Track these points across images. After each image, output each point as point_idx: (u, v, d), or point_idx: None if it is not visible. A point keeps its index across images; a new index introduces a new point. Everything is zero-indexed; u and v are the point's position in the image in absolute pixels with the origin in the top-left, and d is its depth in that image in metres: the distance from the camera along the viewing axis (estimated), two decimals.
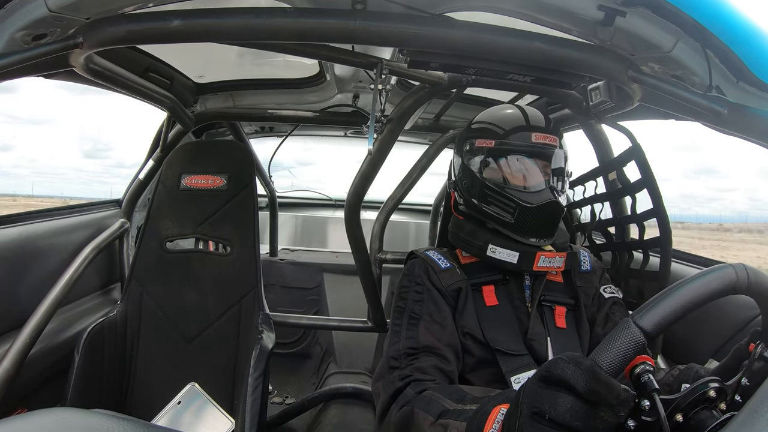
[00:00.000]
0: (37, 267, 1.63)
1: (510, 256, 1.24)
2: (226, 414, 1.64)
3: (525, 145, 1.27)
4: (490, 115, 1.38)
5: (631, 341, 0.64)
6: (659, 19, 0.87)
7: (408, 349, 1.14)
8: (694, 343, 1.51)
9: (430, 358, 1.12)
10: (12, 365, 1.37)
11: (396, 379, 1.08)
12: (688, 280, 0.69)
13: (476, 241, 1.30)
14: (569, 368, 0.61)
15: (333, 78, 1.95)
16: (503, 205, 1.27)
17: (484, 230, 1.32)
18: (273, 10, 0.97)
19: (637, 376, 0.67)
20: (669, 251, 1.46)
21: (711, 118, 0.97)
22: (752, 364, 0.76)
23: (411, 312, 1.23)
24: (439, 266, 1.31)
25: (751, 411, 0.55)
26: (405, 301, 1.27)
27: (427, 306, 1.23)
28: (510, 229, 1.27)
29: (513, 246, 1.25)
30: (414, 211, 3.70)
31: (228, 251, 1.91)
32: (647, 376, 0.66)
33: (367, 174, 1.69)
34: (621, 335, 0.65)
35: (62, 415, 0.61)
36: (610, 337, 0.66)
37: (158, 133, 2.17)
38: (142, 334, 1.83)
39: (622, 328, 0.66)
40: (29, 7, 0.89)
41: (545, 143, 1.26)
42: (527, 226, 1.25)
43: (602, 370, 0.62)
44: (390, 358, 1.15)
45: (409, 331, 1.19)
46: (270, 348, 1.67)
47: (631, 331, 0.65)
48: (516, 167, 1.29)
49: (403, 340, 1.17)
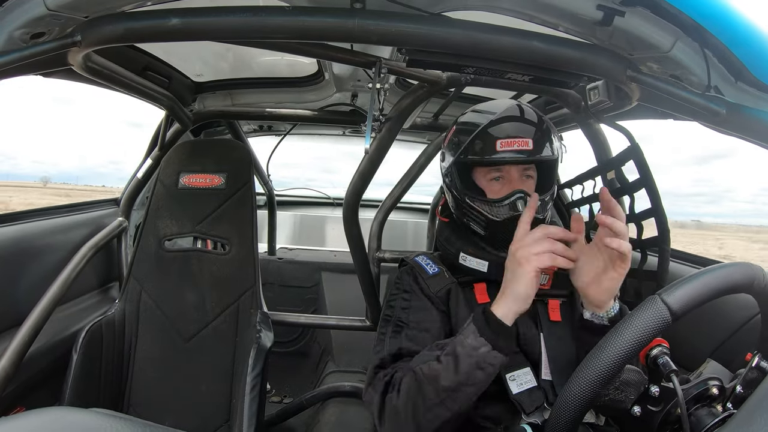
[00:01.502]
0: (36, 266, 1.63)
1: (480, 265, 1.23)
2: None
3: (488, 157, 1.18)
4: (462, 118, 1.32)
5: (657, 317, 0.64)
6: (658, 19, 0.87)
7: (391, 356, 1.18)
8: (692, 344, 1.51)
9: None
10: (10, 364, 1.37)
11: (382, 378, 1.12)
12: (713, 267, 0.69)
13: (450, 247, 1.30)
14: None
15: (332, 77, 1.95)
16: (474, 217, 1.25)
17: (458, 236, 1.31)
18: (271, 8, 0.97)
19: (654, 358, 0.67)
20: (667, 251, 1.46)
21: (709, 117, 0.97)
22: (747, 373, 0.76)
23: (397, 320, 1.24)
24: (427, 272, 1.30)
25: (750, 410, 0.56)
26: (392, 309, 1.28)
27: (415, 314, 1.24)
28: (484, 241, 1.26)
29: (484, 255, 1.23)
30: (412, 210, 3.70)
31: (226, 250, 1.91)
32: (664, 358, 0.66)
33: (365, 173, 1.69)
34: (647, 310, 0.64)
35: (60, 414, 0.61)
36: (636, 311, 0.65)
37: (156, 131, 2.17)
38: (140, 332, 1.83)
39: (649, 304, 0.65)
40: (27, 6, 0.89)
41: (512, 150, 1.16)
42: (498, 239, 1.23)
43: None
44: (375, 367, 1.18)
45: (393, 339, 1.21)
46: (268, 347, 1.68)
47: (658, 307, 0.64)
48: (482, 180, 1.25)
49: (387, 347, 1.20)
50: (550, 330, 1.21)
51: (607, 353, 0.64)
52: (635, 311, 0.65)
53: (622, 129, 1.51)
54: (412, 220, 3.54)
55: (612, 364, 0.63)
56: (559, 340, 1.20)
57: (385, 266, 2.13)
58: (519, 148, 1.16)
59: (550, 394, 1.14)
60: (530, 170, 1.24)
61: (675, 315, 0.63)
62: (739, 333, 1.37)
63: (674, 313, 0.63)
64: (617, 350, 0.63)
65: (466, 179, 1.27)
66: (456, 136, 1.28)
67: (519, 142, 1.16)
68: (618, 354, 0.63)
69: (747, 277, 0.69)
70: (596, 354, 0.65)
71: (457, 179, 1.27)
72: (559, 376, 1.15)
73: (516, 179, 1.22)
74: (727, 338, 1.39)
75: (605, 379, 0.64)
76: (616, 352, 0.63)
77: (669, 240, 1.46)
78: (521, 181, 1.22)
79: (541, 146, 1.18)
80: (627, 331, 0.63)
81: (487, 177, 1.24)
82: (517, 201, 1.17)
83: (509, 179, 1.22)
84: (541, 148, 1.18)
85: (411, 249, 2.27)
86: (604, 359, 0.64)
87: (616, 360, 0.63)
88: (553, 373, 1.15)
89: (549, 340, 1.20)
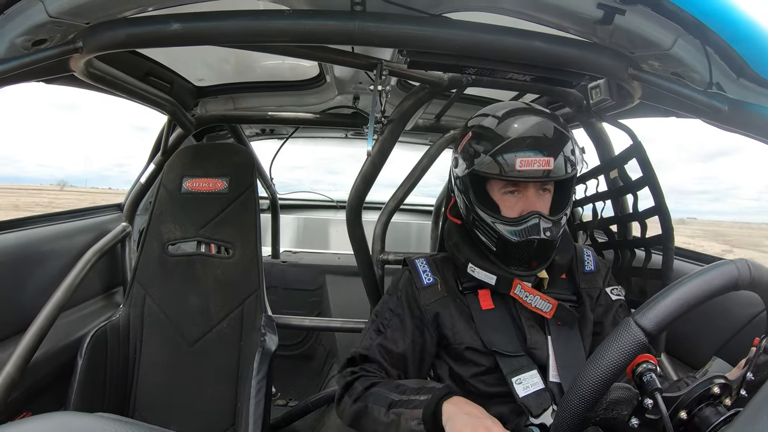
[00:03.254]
0: (40, 271, 1.64)
1: (488, 278, 1.21)
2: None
3: (506, 175, 1.12)
4: (479, 122, 1.23)
5: (632, 341, 0.65)
6: (659, 16, 0.87)
7: (360, 356, 1.25)
8: (697, 341, 1.50)
9: (375, 367, 1.22)
10: (16, 369, 1.37)
11: (348, 374, 1.21)
12: (688, 277, 0.69)
13: (459, 255, 1.28)
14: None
15: (333, 79, 1.96)
16: (484, 231, 1.21)
17: (467, 245, 1.28)
18: (272, 12, 0.97)
19: (639, 375, 0.67)
20: (671, 249, 1.45)
21: (711, 114, 0.97)
22: (757, 358, 0.76)
23: (382, 320, 1.29)
24: (422, 282, 1.29)
25: (755, 408, 0.55)
26: (382, 307, 1.33)
27: (396, 321, 1.27)
28: (493, 255, 1.22)
29: (493, 270, 1.21)
30: (416, 212, 3.70)
31: (230, 254, 1.91)
32: (649, 375, 0.67)
33: (368, 175, 1.69)
34: (622, 335, 0.66)
35: (66, 418, 0.61)
36: (611, 337, 0.66)
37: (159, 136, 2.17)
38: (144, 337, 1.83)
39: (623, 328, 0.66)
40: (29, 13, 0.90)
41: (532, 169, 1.09)
42: (509, 259, 1.19)
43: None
44: (349, 357, 1.27)
45: (371, 338, 1.27)
46: (273, 350, 1.68)
47: (632, 331, 0.65)
48: (497, 192, 1.20)
49: (365, 341, 1.27)
50: (558, 333, 1.21)
51: (586, 380, 0.66)
52: (610, 336, 0.67)
53: (624, 127, 1.51)
54: (415, 222, 3.53)
55: (592, 390, 0.66)
56: (567, 342, 1.20)
57: (389, 268, 2.12)
58: (539, 168, 1.09)
59: (557, 396, 1.14)
60: (548, 185, 1.18)
61: (651, 335, 0.65)
62: (744, 330, 1.36)
63: (649, 334, 0.65)
64: (595, 377, 0.66)
65: (480, 190, 1.22)
66: (472, 144, 1.19)
67: (540, 161, 1.09)
68: (596, 380, 0.66)
69: (728, 278, 0.69)
70: (577, 382, 0.68)
71: (470, 188, 1.22)
72: (567, 378, 1.15)
73: (532, 195, 1.16)
74: (732, 335, 1.38)
75: (588, 404, 0.66)
76: (594, 378, 0.66)
77: (673, 238, 1.45)
78: (537, 196, 1.16)
79: (562, 165, 1.12)
80: (603, 357, 0.66)
81: (502, 190, 1.18)
82: (532, 224, 1.13)
83: (525, 195, 1.16)
84: (562, 168, 1.12)
85: (415, 251, 2.27)
86: (584, 386, 0.66)
87: (595, 386, 0.66)
88: (561, 375, 1.15)
89: (557, 343, 1.19)
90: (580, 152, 1.20)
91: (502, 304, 1.24)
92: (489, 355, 1.18)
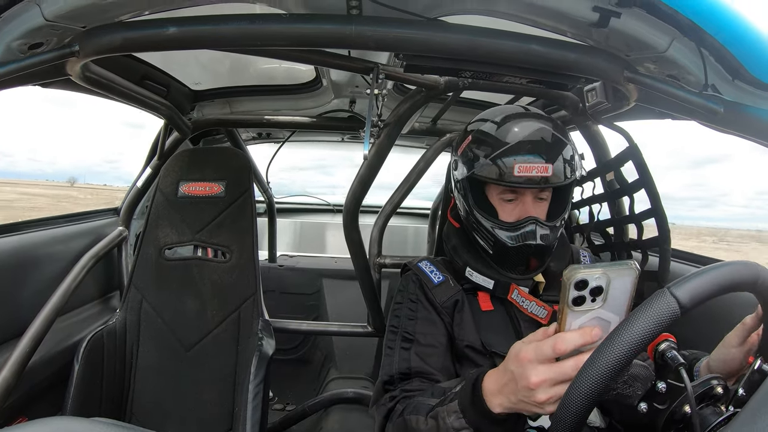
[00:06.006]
0: (36, 276, 1.63)
1: (486, 282, 1.23)
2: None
3: (505, 180, 1.14)
4: (479, 126, 1.25)
5: (666, 310, 0.62)
6: (654, 19, 0.87)
7: (400, 374, 1.16)
8: (696, 344, 1.50)
9: (422, 383, 1.13)
10: (12, 374, 1.36)
11: (387, 401, 1.12)
12: (720, 264, 0.68)
13: (457, 258, 1.30)
14: None
15: (329, 83, 1.96)
16: (482, 234, 1.23)
17: (465, 249, 1.30)
18: (268, 16, 0.97)
19: (662, 352, 0.66)
20: (668, 251, 1.46)
21: (707, 116, 0.97)
22: (751, 376, 0.76)
23: (404, 332, 1.23)
24: (432, 281, 1.29)
25: (753, 409, 0.55)
26: (398, 319, 1.27)
27: (421, 325, 1.23)
28: (491, 259, 1.25)
29: (491, 274, 1.23)
30: (413, 215, 3.70)
31: (227, 258, 1.90)
32: (673, 352, 0.66)
33: (365, 179, 1.69)
34: (656, 303, 0.63)
35: (63, 424, 0.61)
36: (644, 305, 0.64)
37: (155, 140, 2.17)
38: (141, 342, 1.83)
39: (658, 297, 0.64)
40: (25, 17, 0.89)
41: (530, 175, 1.11)
42: (505, 263, 1.22)
43: None
44: (383, 382, 1.18)
45: (402, 353, 1.20)
46: (270, 354, 1.67)
47: (667, 300, 0.63)
48: (495, 197, 1.22)
49: (396, 363, 1.19)
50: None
51: (618, 345, 0.62)
52: (644, 304, 0.64)
53: (620, 130, 1.52)
54: (412, 226, 3.54)
55: (622, 357, 0.62)
56: None
57: (386, 272, 2.12)
58: (538, 174, 1.11)
59: None
60: (546, 191, 1.20)
61: (684, 308, 0.62)
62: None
63: (683, 306, 0.62)
64: (627, 342, 0.62)
65: (478, 194, 1.24)
66: (472, 149, 1.21)
67: (538, 168, 1.11)
68: (628, 346, 0.62)
69: (752, 276, 0.68)
70: (606, 346, 0.64)
71: (469, 192, 1.24)
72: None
73: (529, 201, 1.18)
74: None
75: (615, 370, 0.63)
76: (627, 344, 0.62)
77: (669, 240, 1.45)
78: (535, 203, 1.19)
79: (560, 171, 1.14)
80: (637, 323, 0.62)
81: (500, 196, 1.21)
82: (528, 230, 1.15)
83: (523, 201, 1.18)
84: (560, 174, 1.14)
85: (411, 254, 2.27)
86: (614, 351, 0.62)
87: (626, 352, 0.62)
88: None
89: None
90: (578, 158, 1.22)
91: (501, 307, 1.24)
92: (487, 356, 1.18)
